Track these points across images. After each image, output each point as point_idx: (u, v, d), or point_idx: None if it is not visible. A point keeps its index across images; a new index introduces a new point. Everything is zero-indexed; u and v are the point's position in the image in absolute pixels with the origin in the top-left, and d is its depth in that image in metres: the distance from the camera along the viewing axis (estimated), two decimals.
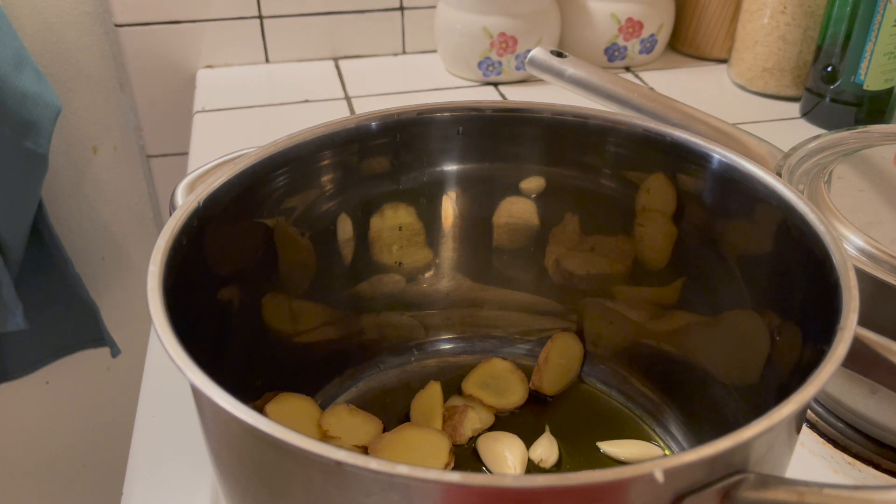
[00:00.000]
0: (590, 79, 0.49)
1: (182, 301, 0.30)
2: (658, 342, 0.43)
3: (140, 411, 0.44)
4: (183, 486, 0.39)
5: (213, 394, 0.24)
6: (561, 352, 0.45)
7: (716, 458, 0.23)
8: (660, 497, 0.23)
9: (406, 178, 0.43)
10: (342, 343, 0.44)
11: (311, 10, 0.80)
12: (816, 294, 0.31)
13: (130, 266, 0.93)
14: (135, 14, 0.75)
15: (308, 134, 0.38)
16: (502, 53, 0.76)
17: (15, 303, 0.73)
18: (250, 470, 0.27)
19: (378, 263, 0.44)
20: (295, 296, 0.41)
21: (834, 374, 0.25)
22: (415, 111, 0.41)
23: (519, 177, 0.44)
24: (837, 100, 0.68)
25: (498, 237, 0.45)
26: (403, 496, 0.23)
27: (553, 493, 0.22)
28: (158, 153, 0.83)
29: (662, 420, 0.42)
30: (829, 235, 0.31)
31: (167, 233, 0.31)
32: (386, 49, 0.84)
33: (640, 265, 0.42)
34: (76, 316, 0.85)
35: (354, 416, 0.41)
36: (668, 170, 0.40)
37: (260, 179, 0.37)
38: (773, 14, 0.73)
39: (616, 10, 0.78)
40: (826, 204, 0.41)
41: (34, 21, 0.77)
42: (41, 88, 0.70)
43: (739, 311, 0.38)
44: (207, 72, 0.80)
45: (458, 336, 0.47)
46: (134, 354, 0.88)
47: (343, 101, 0.75)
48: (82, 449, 1.03)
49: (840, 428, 0.42)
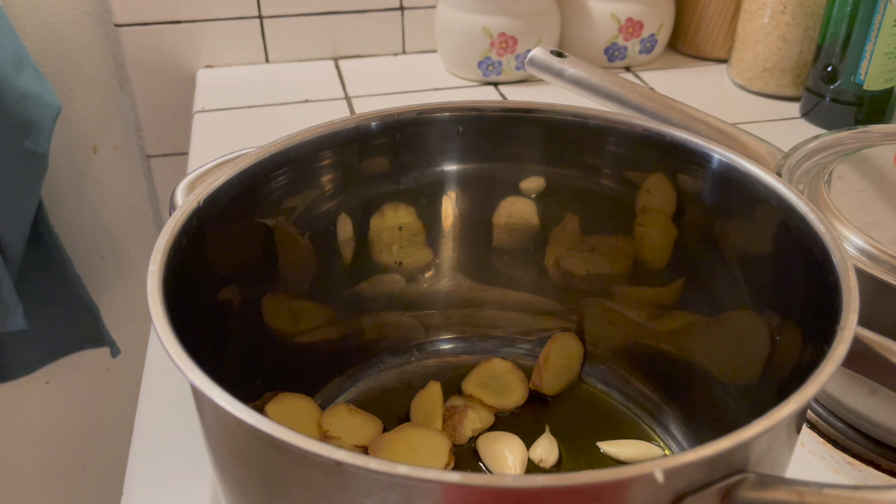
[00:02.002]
0: (590, 79, 0.49)
1: (182, 301, 0.30)
2: (658, 342, 0.43)
3: (140, 411, 0.44)
4: (183, 486, 0.39)
5: (213, 394, 0.24)
6: (561, 352, 0.45)
7: (716, 458, 0.23)
8: (660, 497, 0.23)
9: (406, 178, 0.43)
10: (342, 343, 0.44)
11: (311, 10, 0.80)
12: (816, 294, 0.31)
13: (130, 266, 0.93)
14: (135, 14, 0.75)
15: (308, 134, 0.38)
16: (502, 53, 0.76)
17: (15, 303, 0.73)
18: (250, 470, 0.27)
19: (378, 263, 0.44)
20: (295, 296, 0.41)
21: (834, 374, 0.25)
22: (415, 111, 0.41)
23: (519, 177, 0.44)
24: (837, 100, 0.68)
25: (498, 237, 0.45)
26: (403, 496, 0.23)
27: (553, 493, 0.22)
28: (158, 153, 0.83)
29: (662, 420, 0.42)
30: (829, 235, 0.31)
31: (167, 233, 0.31)
32: (386, 49, 0.84)
33: (640, 265, 0.42)
34: (76, 316, 0.85)
35: (354, 416, 0.41)
36: (668, 170, 0.40)
37: (260, 179, 0.37)
38: (773, 14, 0.73)
39: (616, 10, 0.78)
40: (826, 204, 0.41)
41: (34, 21, 0.77)
42: (41, 88, 0.70)
43: (739, 311, 0.38)
44: (207, 72, 0.80)
45: (458, 336, 0.47)
46: (134, 354, 0.88)
47: (343, 101, 0.75)
48: (82, 449, 1.03)
49: (840, 428, 0.42)
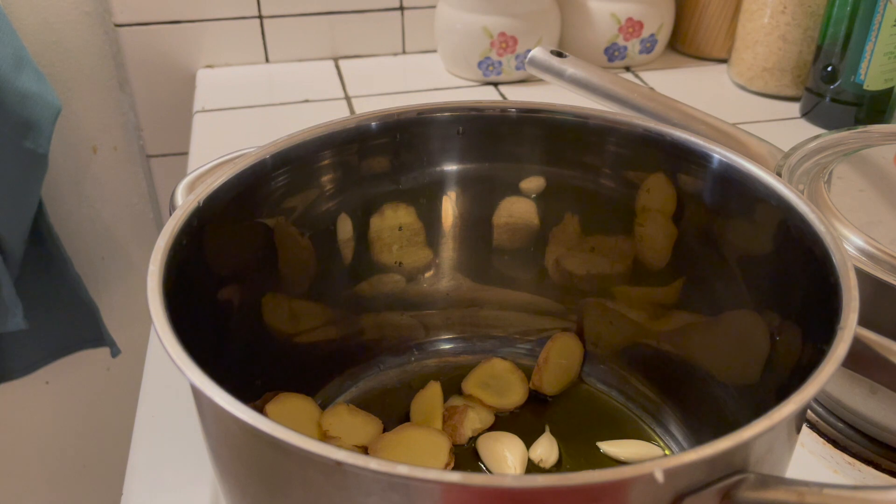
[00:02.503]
0: (590, 79, 0.49)
1: (182, 301, 0.30)
2: (658, 342, 0.43)
3: (140, 411, 0.44)
4: (183, 486, 0.39)
5: (213, 394, 0.24)
6: (561, 352, 0.45)
7: (716, 458, 0.23)
8: (660, 497, 0.23)
9: (406, 178, 0.43)
10: (342, 343, 0.44)
11: (311, 10, 0.80)
12: (816, 294, 0.31)
13: (130, 266, 0.93)
14: (135, 14, 0.75)
15: (308, 134, 0.38)
16: (502, 53, 0.76)
17: (15, 303, 0.73)
18: (250, 470, 0.27)
19: (378, 263, 0.44)
20: (295, 296, 0.41)
21: (834, 374, 0.25)
22: (415, 111, 0.41)
23: (519, 177, 0.44)
24: (837, 100, 0.68)
25: (498, 237, 0.45)
26: (403, 496, 0.23)
27: (553, 493, 0.22)
28: (158, 153, 0.83)
29: (662, 420, 0.42)
30: (829, 235, 0.31)
31: (167, 233, 0.31)
32: (386, 49, 0.84)
33: (640, 265, 0.42)
34: (76, 316, 0.85)
35: (354, 416, 0.41)
36: (668, 170, 0.40)
37: (260, 179, 0.37)
38: (773, 14, 0.73)
39: (616, 10, 0.78)
40: (826, 204, 0.41)
41: (34, 21, 0.77)
42: (41, 88, 0.70)
43: (739, 311, 0.38)
44: (207, 72, 0.80)
45: (458, 336, 0.47)
46: (134, 354, 0.88)
47: (343, 101, 0.75)
48: (82, 449, 1.03)
49: (840, 428, 0.42)
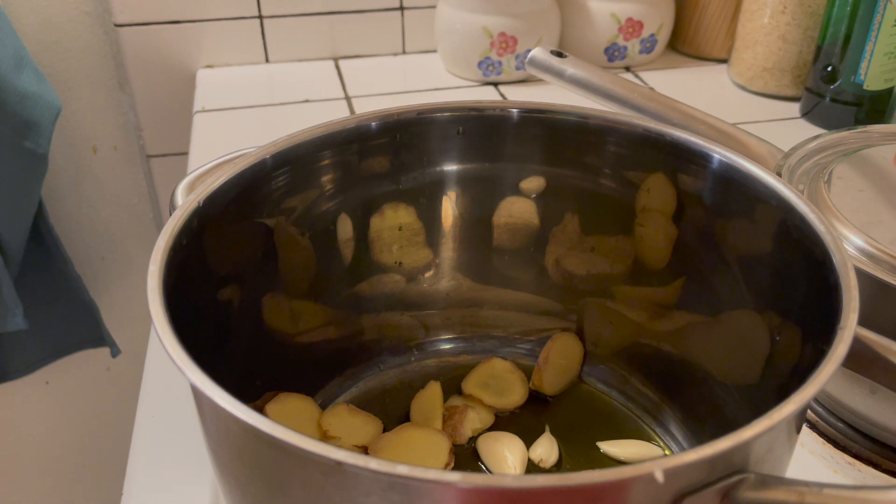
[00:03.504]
0: (590, 79, 0.49)
1: (182, 301, 0.30)
2: (658, 342, 0.43)
3: (140, 411, 0.44)
4: (183, 486, 0.39)
5: (213, 394, 0.24)
6: (561, 352, 0.45)
7: (716, 458, 0.23)
8: (660, 497, 0.23)
9: (406, 178, 0.43)
10: (342, 343, 0.44)
11: (311, 10, 0.80)
12: (816, 294, 0.31)
13: (130, 266, 0.93)
14: (135, 14, 0.75)
15: (308, 134, 0.38)
16: (502, 53, 0.76)
17: (15, 303, 0.73)
18: (250, 470, 0.27)
19: (378, 263, 0.44)
20: (295, 296, 0.41)
21: (834, 374, 0.25)
22: (415, 111, 0.41)
23: (519, 177, 0.44)
24: (837, 100, 0.68)
25: (498, 237, 0.45)
26: (403, 496, 0.23)
27: (553, 493, 0.22)
28: (158, 153, 0.83)
29: (662, 420, 0.42)
30: (829, 235, 0.31)
31: (167, 233, 0.31)
32: (386, 49, 0.84)
33: (640, 265, 0.42)
34: (76, 316, 0.85)
35: (354, 416, 0.41)
36: (668, 170, 0.40)
37: (260, 179, 0.37)
38: (773, 14, 0.73)
39: (616, 10, 0.78)
40: (826, 204, 0.41)
41: (34, 21, 0.77)
42: (41, 88, 0.70)
43: (739, 311, 0.38)
44: (207, 72, 0.80)
45: (458, 336, 0.47)
46: (134, 354, 0.88)
47: (343, 101, 0.75)
48: (82, 449, 1.03)
49: (840, 428, 0.42)
